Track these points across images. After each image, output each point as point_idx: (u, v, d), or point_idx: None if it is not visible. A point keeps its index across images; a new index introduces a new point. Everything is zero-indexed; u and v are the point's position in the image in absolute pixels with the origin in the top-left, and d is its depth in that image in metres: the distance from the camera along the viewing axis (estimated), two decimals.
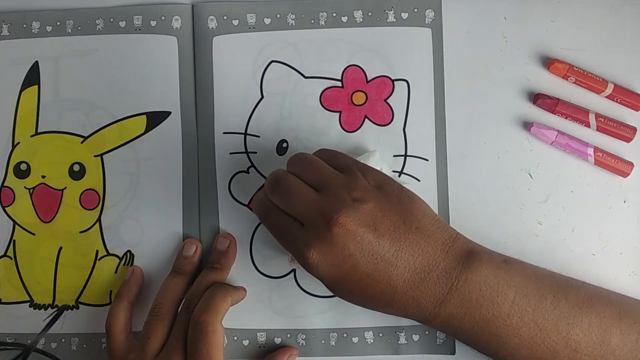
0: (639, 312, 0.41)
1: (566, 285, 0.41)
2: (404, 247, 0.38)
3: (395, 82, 0.49)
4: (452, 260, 0.39)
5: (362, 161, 0.45)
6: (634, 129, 0.48)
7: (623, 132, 0.48)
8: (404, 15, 0.49)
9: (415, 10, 0.49)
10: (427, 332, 0.49)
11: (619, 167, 0.48)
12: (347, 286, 0.39)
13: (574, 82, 0.48)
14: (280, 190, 0.40)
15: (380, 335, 0.49)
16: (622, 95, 0.48)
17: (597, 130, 0.48)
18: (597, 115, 0.48)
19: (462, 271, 0.39)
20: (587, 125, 0.48)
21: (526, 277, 0.40)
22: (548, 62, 0.49)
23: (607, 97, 0.48)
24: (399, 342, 0.49)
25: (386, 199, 0.39)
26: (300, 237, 0.39)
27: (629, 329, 0.40)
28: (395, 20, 0.49)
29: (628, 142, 0.49)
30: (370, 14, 0.49)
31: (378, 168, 0.45)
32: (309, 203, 0.39)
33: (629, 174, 0.48)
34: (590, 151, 0.48)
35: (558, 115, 0.48)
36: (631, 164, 0.48)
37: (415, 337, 0.49)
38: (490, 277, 0.39)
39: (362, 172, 0.41)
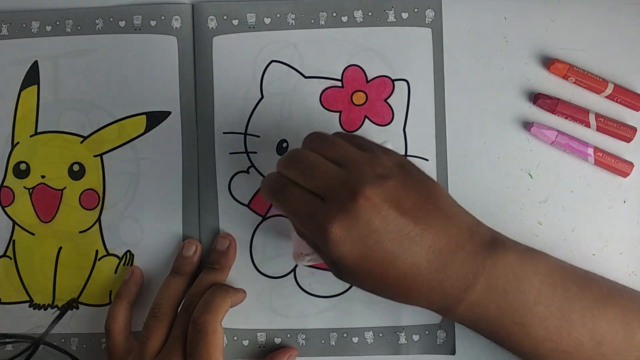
0: None
1: (587, 277, 0.40)
2: (428, 227, 0.37)
3: (395, 82, 0.49)
4: (477, 244, 0.38)
5: None
6: (634, 129, 0.48)
7: (623, 132, 0.48)
8: (404, 15, 0.49)
9: (416, 10, 0.49)
10: (427, 332, 0.49)
11: (619, 167, 0.48)
12: (368, 266, 0.36)
13: (574, 82, 0.48)
14: (299, 165, 0.38)
15: (380, 335, 0.49)
16: (622, 95, 0.48)
17: (597, 130, 0.48)
18: (597, 115, 0.48)
19: (488, 256, 0.38)
20: (587, 125, 0.48)
21: (551, 266, 0.39)
22: (548, 62, 0.49)
23: (607, 97, 0.48)
24: (399, 342, 0.49)
25: (409, 178, 0.38)
26: (321, 211, 0.36)
27: None
28: (395, 20, 0.49)
29: (628, 142, 0.49)
30: (370, 13, 0.49)
31: None
32: (332, 177, 0.37)
33: (629, 174, 0.48)
34: (590, 151, 0.48)
35: (558, 115, 0.48)
36: (631, 164, 0.48)
37: (416, 337, 0.49)
38: (516, 264, 0.38)
39: (383, 152, 0.39)
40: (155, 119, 0.50)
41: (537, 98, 0.48)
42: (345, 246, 0.36)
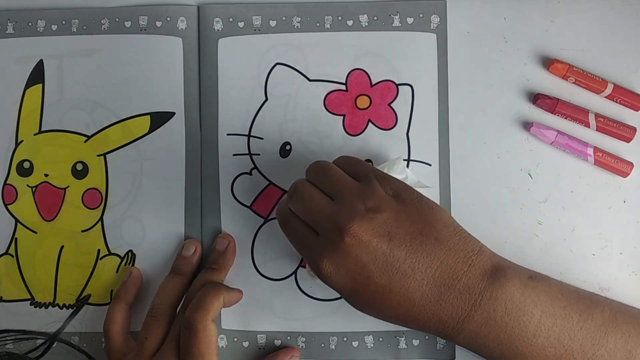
0: None
1: (591, 303, 0.40)
2: (421, 259, 0.37)
3: (399, 87, 0.49)
4: (476, 274, 0.38)
5: (385, 169, 0.45)
6: (634, 129, 0.49)
7: (623, 132, 0.48)
8: (410, 20, 0.49)
9: (421, 15, 0.49)
10: (427, 337, 0.49)
11: (619, 167, 0.48)
12: (362, 297, 0.38)
13: (574, 82, 0.49)
14: (297, 198, 0.40)
15: (380, 339, 0.49)
16: (621, 95, 0.48)
17: (597, 130, 0.48)
18: (597, 116, 0.48)
19: (487, 287, 0.37)
20: (587, 125, 0.48)
21: (552, 295, 0.39)
22: (548, 62, 0.49)
23: (606, 97, 0.49)
24: (398, 346, 0.49)
25: (403, 208, 0.38)
26: (314, 246, 0.38)
27: None
28: (400, 25, 0.49)
29: (628, 142, 0.49)
30: (375, 18, 0.50)
31: (402, 177, 0.45)
32: (323, 212, 0.38)
33: (628, 174, 0.48)
34: (590, 151, 0.48)
35: (558, 115, 0.48)
36: (631, 164, 0.48)
37: (416, 342, 0.49)
38: (517, 294, 0.38)
39: (380, 180, 0.40)
40: (159, 119, 0.50)
41: (536, 98, 0.48)
42: (336, 280, 0.38)
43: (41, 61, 0.51)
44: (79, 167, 0.50)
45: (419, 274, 0.37)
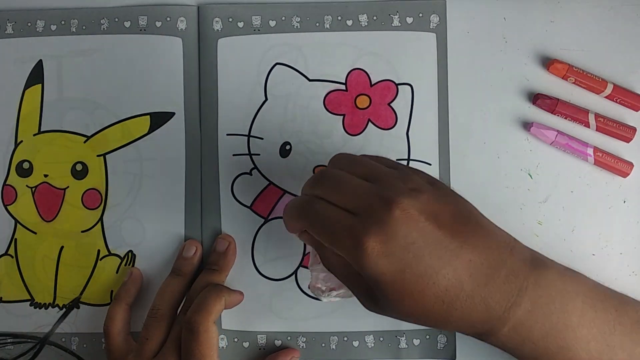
0: None
1: (623, 300, 0.39)
2: (468, 240, 0.35)
3: (399, 86, 0.49)
4: (518, 261, 0.36)
5: None
6: (634, 129, 0.49)
7: (623, 132, 0.48)
8: (409, 20, 0.49)
9: (421, 15, 0.49)
10: (427, 337, 0.49)
11: (619, 167, 0.48)
12: (406, 283, 0.34)
13: (574, 83, 0.49)
14: (328, 182, 0.37)
15: (381, 339, 0.49)
16: (621, 95, 0.48)
17: (597, 130, 0.48)
18: (597, 116, 0.48)
19: (530, 273, 0.36)
20: (587, 125, 0.48)
21: (590, 287, 0.38)
22: (548, 63, 0.49)
23: (606, 97, 0.49)
24: (399, 346, 0.49)
25: (442, 193, 0.37)
26: (354, 225, 0.34)
27: None
28: (400, 24, 0.49)
29: (628, 142, 0.49)
30: (375, 18, 0.50)
31: None
32: (364, 191, 0.35)
33: (628, 174, 0.48)
34: (590, 151, 0.48)
35: (558, 115, 0.48)
36: (631, 164, 0.48)
37: (416, 342, 0.49)
38: (559, 282, 0.37)
39: (412, 171, 0.39)
40: (159, 119, 0.50)
41: (536, 98, 0.48)
42: (382, 260, 0.34)
43: (40, 61, 0.50)
44: (79, 167, 0.50)
45: (467, 254, 0.35)
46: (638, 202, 0.49)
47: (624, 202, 0.49)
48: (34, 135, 0.50)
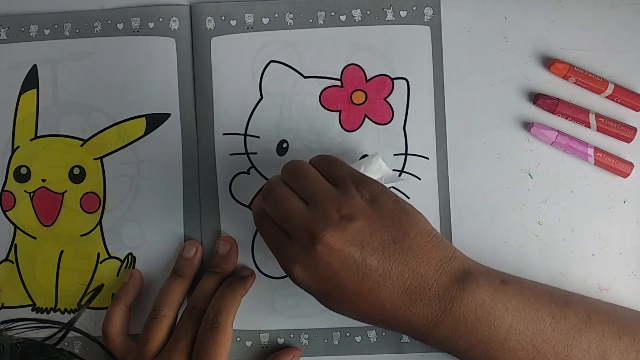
0: (638, 328, 0.40)
1: (565, 303, 0.40)
2: (393, 267, 0.37)
3: (394, 81, 0.49)
4: (447, 282, 0.38)
5: (362, 167, 0.45)
6: (634, 130, 0.48)
7: (623, 132, 0.48)
8: (403, 14, 0.49)
9: (414, 8, 0.49)
10: None
11: (619, 167, 0.48)
12: (334, 302, 0.39)
13: (575, 83, 0.48)
14: (271, 200, 0.40)
15: (384, 334, 0.49)
16: (622, 95, 0.48)
17: (597, 130, 0.48)
18: (598, 116, 0.48)
19: (457, 293, 0.38)
20: (587, 125, 0.48)
21: (524, 299, 0.39)
22: (548, 62, 0.48)
23: (607, 97, 0.48)
24: (402, 340, 0.49)
25: (378, 215, 0.38)
26: (286, 250, 0.39)
27: (628, 347, 0.39)
28: (393, 18, 0.49)
29: (628, 142, 0.48)
30: (368, 12, 0.49)
31: (378, 176, 0.45)
32: (297, 217, 0.38)
33: (629, 175, 0.48)
34: (591, 151, 0.48)
35: (558, 115, 0.48)
36: (631, 165, 0.48)
37: None
38: (487, 300, 0.38)
39: (357, 184, 0.40)
40: (154, 121, 0.50)
41: (537, 98, 0.48)
42: (307, 284, 0.38)
43: (35, 66, 0.50)
44: (76, 171, 0.50)
45: (390, 282, 0.37)
46: (638, 202, 0.48)
47: (624, 202, 0.48)
48: (31, 140, 0.50)
